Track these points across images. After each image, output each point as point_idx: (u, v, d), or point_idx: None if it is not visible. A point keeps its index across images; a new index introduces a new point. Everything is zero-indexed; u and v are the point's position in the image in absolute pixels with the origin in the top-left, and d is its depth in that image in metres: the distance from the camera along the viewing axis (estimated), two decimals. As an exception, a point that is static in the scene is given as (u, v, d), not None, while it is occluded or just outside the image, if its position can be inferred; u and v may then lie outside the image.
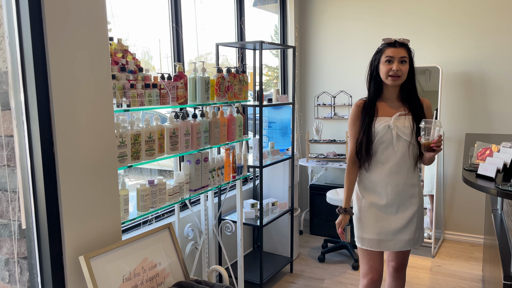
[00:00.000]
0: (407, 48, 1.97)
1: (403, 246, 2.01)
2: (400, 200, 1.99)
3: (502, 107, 3.56)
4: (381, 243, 2.00)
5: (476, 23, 3.55)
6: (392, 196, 1.98)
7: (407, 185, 1.99)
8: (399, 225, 1.99)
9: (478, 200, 3.68)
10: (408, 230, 2.00)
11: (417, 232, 2.02)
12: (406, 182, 1.98)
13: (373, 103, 2.01)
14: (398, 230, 1.99)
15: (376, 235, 2.00)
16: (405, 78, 1.96)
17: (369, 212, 2.02)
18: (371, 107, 2.00)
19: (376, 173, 2.00)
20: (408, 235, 2.00)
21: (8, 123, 1.40)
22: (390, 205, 1.99)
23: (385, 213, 2.00)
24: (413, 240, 2.01)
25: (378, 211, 2.01)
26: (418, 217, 2.02)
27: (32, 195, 1.39)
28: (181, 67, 2.01)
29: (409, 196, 2.00)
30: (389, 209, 2.00)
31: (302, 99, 4.39)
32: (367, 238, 2.02)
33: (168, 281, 1.63)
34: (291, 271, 3.28)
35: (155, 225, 2.53)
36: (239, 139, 2.42)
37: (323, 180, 4.25)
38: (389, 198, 1.99)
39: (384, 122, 1.96)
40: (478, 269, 3.28)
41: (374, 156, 1.99)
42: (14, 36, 1.33)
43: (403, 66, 1.93)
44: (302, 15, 4.26)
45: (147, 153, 1.77)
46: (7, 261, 1.48)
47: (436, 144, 1.81)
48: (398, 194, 1.98)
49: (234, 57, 3.47)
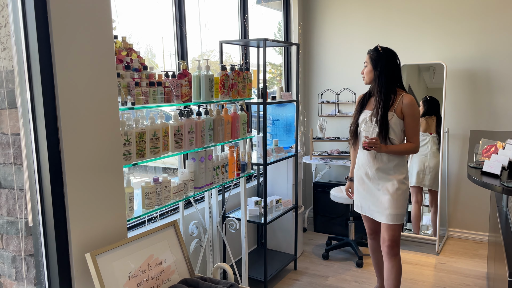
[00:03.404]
0: (370, 54, 2.42)
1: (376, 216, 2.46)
2: (374, 176, 2.42)
3: (507, 104, 3.54)
4: (364, 210, 2.55)
5: (481, 19, 3.53)
6: (370, 172, 2.44)
7: (378, 168, 2.40)
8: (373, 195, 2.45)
9: (483, 197, 3.66)
10: (380, 203, 2.41)
11: (392, 208, 2.38)
12: (378, 165, 2.40)
13: (366, 98, 2.49)
14: (372, 199, 2.46)
15: (358, 202, 2.57)
16: (368, 79, 2.44)
17: (356, 186, 2.57)
18: (363, 101, 2.50)
19: (360, 154, 2.51)
20: (380, 208, 2.42)
21: (15, 121, 1.41)
22: (367, 178, 2.46)
23: (365, 186, 2.49)
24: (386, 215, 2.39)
25: (361, 185, 2.52)
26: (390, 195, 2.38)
27: (38, 193, 1.40)
28: (185, 65, 2.01)
29: (383, 176, 2.40)
30: (368, 182, 2.47)
31: (306, 97, 4.38)
32: (357, 204, 2.59)
33: (174, 278, 1.64)
34: (295, 268, 3.29)
35: (160, 222, 2.55)
36: (243, 136, 2.43)
37: (327, 177, 4.25)
38: (366, 173, 2.46)
39: (364, 115, 2.44)
40: (483, 266, 3.27)
41: (359, 140, 2.48)
42: (20, 35, 1.34)
43: (364, 69, 2.46)
44: (306, 12, 4.25)
45: (151, 151, 1.77)
46: (14, 258, 1.50)
47: (368, 144, 2.27)
48: (373, 172, 2.42)
49: (237, 54, 3.47)
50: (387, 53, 2.39)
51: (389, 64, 2.37)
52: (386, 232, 2.43)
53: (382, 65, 2.36)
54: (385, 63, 2.37)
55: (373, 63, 2.39)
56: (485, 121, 3.62)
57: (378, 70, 2.37)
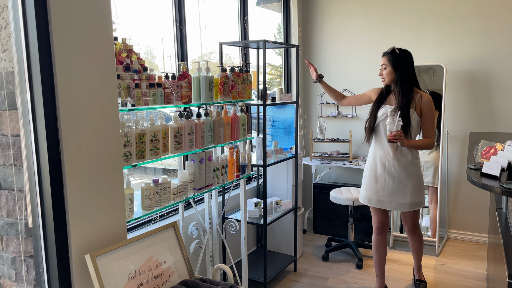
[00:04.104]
0: (388, 56, 2.55)
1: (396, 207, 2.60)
2: (391, 170, 2.55)
3: (507, 105, 3.54)
4: (379, 203, 2.64)
5: (481, 21, 3.54)
6: (387, 166, 2.56)
7: (398, 160, 2.54)
8: (389, 188, 2.58)
9: (483, 198, 3.66)
10: (402, 194, 2.56)
11: (413, 197, 2.56)
12: (398, 158, 2.54)
13: (385, 94, 2.63)
14: (389, 192, 2.58)
15: (374, 195, 2.64)
16: (389, 80, 2.57)
17: (368, 179, 2.66)
18: (381, 97, 2.63)
19: (377, 147, 2.61)
20: (401, 199, 2.57)
21: (15, 122, 1.41)
22: (383, 172, 2.58)
23: (379, 179, 2.60)
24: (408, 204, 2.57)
25: (374, 178, 2.62)
26: (410, 186, 2.55)
27: (38, 194, 1.40)
28: (185, 66, 2.02)
29: (400, 169, 2.54)
30: (383, 176, 2.59)
31: (306, 98, 4.39)
32: (366, 197, 2.69)
33: (173, 279, 1.64)
34: (295, 270, 3.29)
35: (160, 224, 2.55)
36: (243, 138, 2.43)
37: (326, 179, 4.25)
38: (383, 167, 2.57)
39: (384, 110, 2.57)
40: (483, 267, 3.27)
41: (376, 133, 2.61)
42: (20, 37, 1.34)
43: (384, 71, 2.59)
44: (306, 13, 4.26)
45: (151, 152, 1.78)
46: (14, 259, 1.50)
47: (394, 137, 2.39)
48: (391, 166, 2.55)
49: (237, 56, 3.48)
50: (405, 54, 2.54)
51: (408, 64, 2.53)
52: (409, 219, 2.70)
53: (402, 66, 2.51)
54: (405, 64, 2.52)
55: (393, 65, 2.53)
56: (485, 122, 3.63)
57: (399, 71, 2.51)
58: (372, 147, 2.67)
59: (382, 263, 2.79)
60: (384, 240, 2.75)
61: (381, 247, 2.75)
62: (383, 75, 2.58)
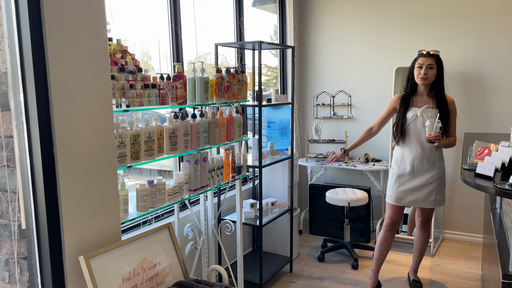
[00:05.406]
0: (436, 57, 2.65)
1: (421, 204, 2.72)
2: (420, 169, 2.68)
3: (501, 106, 3.56)
4: (406, 202, 2.74)
5: (475, 22, 3.56)
6: (415, 165, 2.68)
7: (427, 159, 2.67)
8: (416, 186, 2.69)
9: (477, 199, 3.68)
10: (428, 191, 2.69)
11: (438, 194, 2.71)
12: (428, 157, 2.67)
13: (408, 97, 2.73)
14: (416, 190, 2.69)
15: (399, 194, 2.73)
16: (431, 80, 2.65)
17: (397, 179, 2.75)
18: (406, 100, 2.72)
19: (406, 148, 2.72)
20: (427, 196, 2.69)
21: (8, 123, 1.40)
22: (412, 172, 2.69)
23: (408, 179, 2.71)
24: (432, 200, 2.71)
25: (403, 178, 2.72)
26: (436, 183, 2.69)
27: (32, 195, 1.39)
28: (180, 67, 2.01)
29: (429, 167, 2.68)
30: (411, 175, 2.69)
31: (301, 99, 4.39)
32: (391, 196, 2.76)
33: (168, 280, 1.64)
34: (291, 271, 3.29)
35: (155, 225, 2.54)
36: (238, 139, 2.43)
37: (322, 179, 4.26)
38: (412, 167, 2.68)
39: (413, 112, 2.68)
40: (477, 268, 3.28)
41: (405, 136, 2.70)
42: (13, 37, 1.34)
43: (430, 71, 2.63)
44: (301, 15, 4.26)
45: (146, 153, 1.77)
46: (7, 261, 1.49)
47: (435, 138, 2.53)
48: (419, 165, 2.67)
49: (233, 57, 3.48)
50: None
51: (443, 68, 2.70)
52: (426, 212, 2.85)
53: (442, 69, 2.69)
54: (442, 67, 2.69)
55: (438, 67, 2.66)
56: (479, 123, 3.65)
57: (440, 74, 2.67)
58: (397, 149, 2.77)
59: (381, 260, 2.83)
60: (391, 239, 2.79)
61: (386, 244, 2.79)
62: (427, 74, 2.62)
